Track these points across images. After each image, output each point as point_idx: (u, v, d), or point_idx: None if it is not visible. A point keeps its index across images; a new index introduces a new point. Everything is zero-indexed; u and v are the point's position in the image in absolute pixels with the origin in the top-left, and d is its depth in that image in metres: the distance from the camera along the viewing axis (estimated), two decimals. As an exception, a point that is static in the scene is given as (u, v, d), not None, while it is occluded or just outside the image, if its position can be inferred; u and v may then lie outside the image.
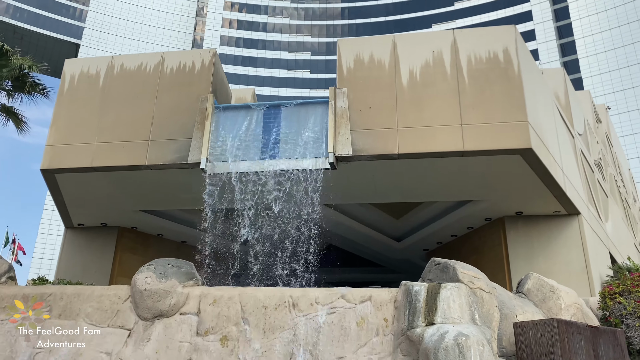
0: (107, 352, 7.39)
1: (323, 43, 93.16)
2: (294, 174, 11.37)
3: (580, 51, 79.00)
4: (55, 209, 69.23)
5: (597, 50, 77.40)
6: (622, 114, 71.30)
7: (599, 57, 76.95)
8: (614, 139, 27.47)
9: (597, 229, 15.48)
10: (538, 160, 11.24)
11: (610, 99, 71.79)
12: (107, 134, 12.56)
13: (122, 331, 7.57)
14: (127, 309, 7.72)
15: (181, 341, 7.27)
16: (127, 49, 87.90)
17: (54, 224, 75.79)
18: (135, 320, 7.61)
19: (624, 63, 74.41)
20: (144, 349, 7.25)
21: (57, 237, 73.61)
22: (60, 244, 16.98)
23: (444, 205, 15.18)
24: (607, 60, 76.02)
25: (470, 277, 7.13)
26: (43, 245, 76.87)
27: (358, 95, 11.69)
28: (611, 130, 26.85)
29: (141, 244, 16.67)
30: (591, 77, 76.22)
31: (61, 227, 17.58)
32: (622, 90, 73.27)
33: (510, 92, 11.27)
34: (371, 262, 22.14)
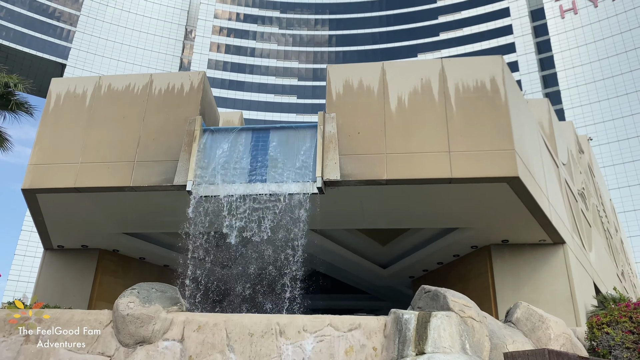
0: (85, 380, 7.10)
1: (310, 69, 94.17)
2: (281, 198, 11.27)
3: (562, 83, 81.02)
4: (34, 230, 67.89)
5: (578, 82, 79.45)
6: (602, 145, 72.85)
7: (580, 89, 78.94)
8: (596, 170, 27.93)
9: (582, 258, 15.57)
10: (524, 189, 11.31)
11: (591, 130, 73.42)
12: (92, 154, 12.37)
13: (103, 358, 7.29)
14: (108, 335, 7.45)
15: (163, 369, 7.02)
16: (114, 70, 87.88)
17: (31, 246, 74.18)
18: (117, 346, 7.34)
19: (604, 96, 76.41)
20: (123, 377, 6.98)
21: (35, 259, 72.01)
22: (37, 266, 16.54)
23: (431, 233, 15.17)
24: (587, 92, 78.01)
25: (460, 305, 7.04)
26: (19, 267, 75.01)
27: (347, 121, 11.72)
28: (593, 161, 27.31)
29: (122, 267, 16.30)
30: (572, 108, 78.02)
31: (39, 248, 17.11)
32: (603, 122, 75.04)
33: (497, 120, 11.39)
34: (356, 289, 21.94)
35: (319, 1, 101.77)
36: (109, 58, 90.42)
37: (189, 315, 7.58)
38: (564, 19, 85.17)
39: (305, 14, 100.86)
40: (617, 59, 77.31)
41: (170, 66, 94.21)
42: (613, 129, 73.78)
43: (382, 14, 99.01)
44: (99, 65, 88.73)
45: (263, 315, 7.61)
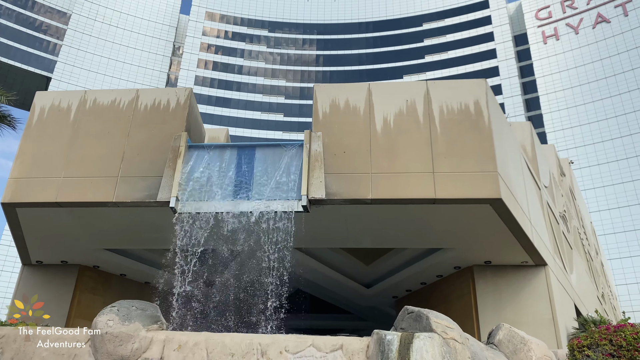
0: (60, 400, 6.92)
1: (297, 87, 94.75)
2: (266, 215, 11.23)
3: (544, 107, 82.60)
4: (12, 244, 66.54)
5: (560, 106, 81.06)
6: (583, 168, 74.09)
7: (561, 113, 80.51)
8: (577, 193, 28.35)
9: (563, 280, 15.70)
10: (507, 211, 11.42)
11: (572, 154, 74.71)
12: (75, 168, 12.23)
13: (78, 377, 7.12)
14: (85, 354, 7.29)
15: (141, 389, 6.88)
16: (100, 84, 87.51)
17: (9, 260, 72.63)
18: (93, 365, 7.18)
19: (585, 120, 77.99)
20: (100, 398, 6.81)
21: (12, 275, 70.47)
22: (15, 282, 16.18)
23: (414, 253, 15.20)
24: (569, 116, 79.58)
25: (443, 326, 7.04)
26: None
27: (333, 140, 11.78)
28: (574, 184, 27.73)
29: (102, 284, 16.03)
30: (554, 132, 79.43)
31: (17, 263, 16.75)
32: (584, 145, 76.44)
33: (480, 142, 11.54)
34: (340, 308, 21.81)
35: (307, 21, 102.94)
36: (95, 72, 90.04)
37: (169, 334, 7.46)
38: (547, 44, 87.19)
39: (294, 34, 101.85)
40: (597, 84, 79.16)
41: (157, 82, 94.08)
42: (594, 153, 75.16)
43: (369, 35, 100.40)
44: (85, 79, 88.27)
45: (245, 335, 7.51)
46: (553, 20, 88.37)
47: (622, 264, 67.92)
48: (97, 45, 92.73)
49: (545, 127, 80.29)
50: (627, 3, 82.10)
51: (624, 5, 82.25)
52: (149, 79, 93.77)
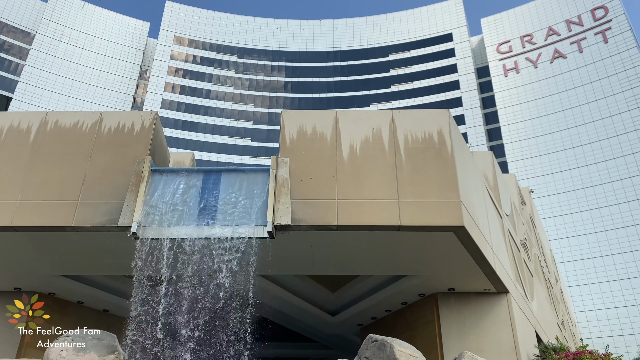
0: None
1: (265, 113, 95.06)
2: (230, 241, 11.08)
3: (506, 137, 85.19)
4: (-38, 270, 63.36)
5: (520, 137, 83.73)
6: (543, 197, 76.27)
7: (522, 143, 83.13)
8: (537, 221, 29.11)
9: (524, 307, 15.96)
10: (469, 238, 11.61)
11: (532, 183, 76.94)
12: (33, 192, 11.84)
13: (27, 412, 6.77)
14: (35, 386, 6.95)
15: (95, 423, 6.57)
16: (63, 106, 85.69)
17: (-42, 287, 69.14)
18: (44, 399, 6.84)
19: (545, 150, 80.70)
20: None
21: (-39, 302, 66.97)
22: (-36, 310, 15.36)
23: (379, 280, 15.22)
24: (529, 146, 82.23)
25: (407, 355, 7.03)
26: (-57, 310, 69.50)
27: (300, 165, 11.81)
28: (534, 212, 28.49)
29: (58, 312, 15.35)
30: (515, 161, 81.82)
31: (-33, 290, 15.95)
32: (543, 175, 78.89)
33: (444, 171, 11.77)
34: (304, 337, 21.53)
35: (276, 49, 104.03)
36: (58, 94, 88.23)
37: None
38: (507, 77, 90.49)
39: (262, 60, 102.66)
40: (555, 116, 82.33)
41: (122, 104, 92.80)
42: (553, 182, 77.64)
43: (336, 64, 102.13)
44: (48, 100, 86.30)
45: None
46: (513, 55, 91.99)
47: (580, 291, 69.65)
48: (61, 66, 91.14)
49: (507, 156, 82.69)
50: (582, 40, 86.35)
51: (579, 42, 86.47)
52: (114, 102, 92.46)
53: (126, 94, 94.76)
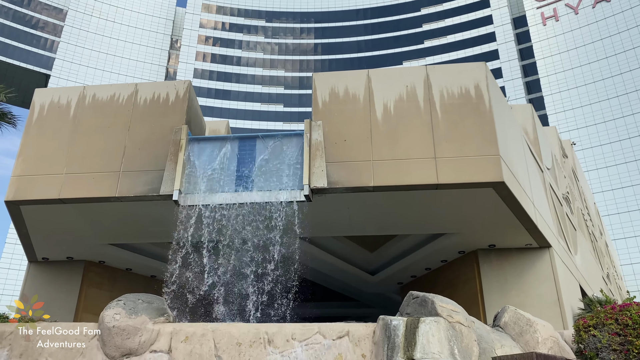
0: (71, 394, 6.99)
1: (296, 77, 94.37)
2: (268, 206, 11.25)
3: (545, 89, 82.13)
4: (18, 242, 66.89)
5: (561, 88, 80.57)
6: (586, 149, 73.81)
7: (563, 94, 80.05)
8: (580, 174, 28.28)
9: (568, 261, 15.71)
10: (510, 194, 11.41)
11: (574, 135, 74.40)
12: (77, 165, 12.25)
13: (88, 371, 7.19)
14: (93, 347, 7.35)
15: (151, 381, 6.94)
16: (99, 80, 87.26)
17: (16, 258, 73.08)
18: (102, 359, 7.24)
19: (587, 101, 77.58)
20: (110, 390, 6.88)
21: (19, 272, 70.90)
22: (22, 279, 16.26)
23: (418, 239, 15.21)
24: (570, 97, 79.14)
25: (449, 310, 7.06)
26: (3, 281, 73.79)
27: (333, 128, 11.75)
28: (577, 165, 27.66)
29: (108, 279, 16.10)
30: (556, 113, 79.04)
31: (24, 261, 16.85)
32: (586, 126, 76.11)
33: (482, 126, 11.50)
34: (345, 296, 21.89)
35: (304, 10, 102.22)
36: (93, 68, 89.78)
37: (176, 326, 7.51)
38: (546, 26, 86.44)
39: (291, 23, 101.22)
40: (598, 64, 78.58)
41: (156, 76, 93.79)
42: (596, 133, 74.83)
43: (367, 22, 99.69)
44: (84, 75, 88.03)
45: (251, 324, 7.56)
46: (552, 1, 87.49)
47: (626, 244, 67.90)
48: (94, 40, 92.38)
49: (547, 109, 79.91)
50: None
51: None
52: (147, 73, 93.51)
53: (159, 65, 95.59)
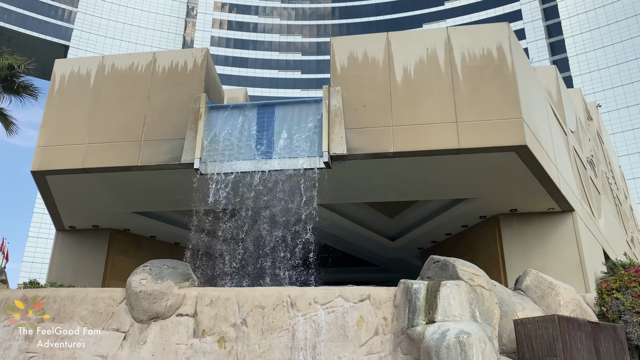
0: (103, 355, 7.26)
1: (314, 43, 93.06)
2: (288, 173, 11.29)
3: (570, 50, 79.63)
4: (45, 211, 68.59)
5: (586, 48, 78.03)
6: (611, 111, 71.92)
7: (588, 55, 77.58)
8: (605, 136, 27.64)
9: (591, 225, 15.54)
10: (532, 157, 11.24)
11: (600, 97, 72.40)
12: (99, 134, 12.40)
13: (118, 334, 7.44)
14: (122, 311, 7.59)
15: (178, 343, 7.16)
16: (117, 50, 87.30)
17: (44, 227, 75.13)
18: (131, 322, 7.48)
19: (613, 61, 75.10)
20: (140, 352, 7.13)
21: (48, 241, 73.00)
22: (50, 248, 16.75)
23: (439, 204, 15.15)
24: (596, 58, 76.68)
25: (470, 274, 7.09)
26: (33, 249, 76.18)
27: (352, 94, 11.63)
28: (602, 128, 27.02)
29: (133, 246, 16.48)
30: (581, 75, 76.82)
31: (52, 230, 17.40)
32: (612, 88, 73.93)
33: (504, 89, 11.26)
34: (365, 261, 22.09)
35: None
36: (111, 38, 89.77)
37: (201, 290, 7.69)
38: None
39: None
40: (626, 22, 75.67)
41: (173, 44, 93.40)
42: (622, 95, 72.70)
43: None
44: (102, 45, 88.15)
45: (274, 288, 7.70)
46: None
47: (652, 208, 66.76)
48: (111, 10, 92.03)
49: (571, 70, 77.66)
50: None
51: None
52: (165, 42, 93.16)
53: (175, 33, 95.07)
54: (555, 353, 5.98)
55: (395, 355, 6.64)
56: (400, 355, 6.60)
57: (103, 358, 7.22)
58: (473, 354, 5.84)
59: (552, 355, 5.99)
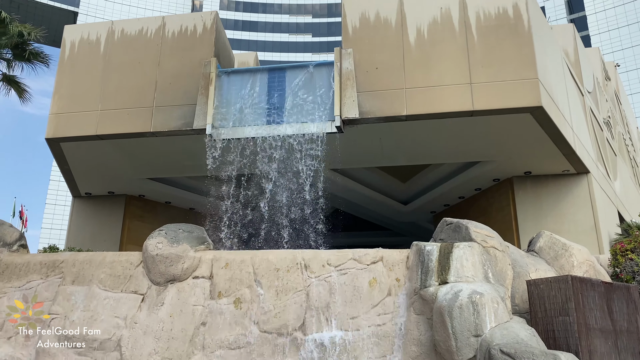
0: (122, 316, 7.46)
1: (324, 5, 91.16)
2: (300, 138, 11.26)
3: (589, 7, 77.12)
4: (61, 179, 69.53)
5: (605, 6, 75.54)
6: (630, 71, 70.13)
7: (607, 13, 75.17)
8: (623, 97, 27.06)
9: (606, 187, 15.39)
10: (548, 119, 11.07)
11: (618, 57, 70.48)
12: (111, 101, 12.41)
13: (136, 296, 7.63)
14: (139, 275, 7.76)
15: (195, 305, 7.33)
16: (126, 15, 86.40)
17: (61, 194, 76.31)
18: (148, 285, 7.65)
19: (634, 19, 72.70)
20: (158, 313, 7.31)
21: (65, 208, 74.22)
22: (68, 214, 17.03)
23: (452, 167, 15.07)
24: (616, 16, 74.29)
25: (483, 235, 7.09)
26: (51, 216, 77.63)
27: (364, 56, 11.46)
28: (620, 88, 26.42)
29: (149, 212, 16.71)
30: (599, 34, 74.65)
31: (68, 197, 17.68)
32: (631, 47, 71.85)
33: (520, 49, 11.02)
34: (378, 225, 22.20)
35: None
36: (120, 3, 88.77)
37: (216, 253, 7.81)
38: (592, -64, 79.88)
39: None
40: (648, -22, 72.92)
41: (182, 8, 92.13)
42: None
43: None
44: (111, 11, 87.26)
45: (288, 250, 7.80)
46: None
47: (669, 170, 65.76)
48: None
49: (590, 29, 75.45)
50: None
51: None
52: (174, 6, 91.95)
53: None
54: (567, 312, 6.02)
55: (408, 315, 6.74)
56: (412, 315, 6.69)
57: (122, 319, 7.42)
58: (486, 313, 5.91)
59: (564, 314, 6.03)
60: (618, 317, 6.55)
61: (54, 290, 7.89)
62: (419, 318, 6.61)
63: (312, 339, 6.74)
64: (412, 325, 6.61)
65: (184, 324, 7.19)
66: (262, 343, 6.87)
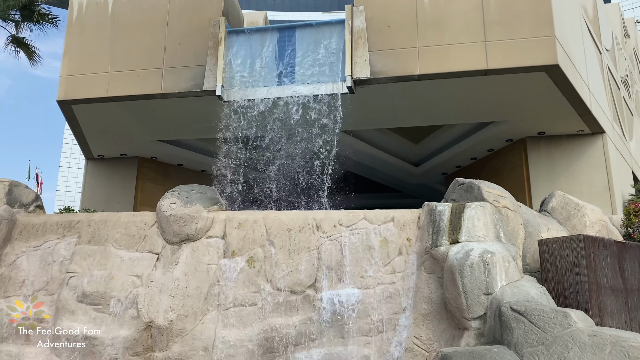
0: (138, 275, 7.63)
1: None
2: (310, 99, 11.16)
3: (609, -38, 74.28)
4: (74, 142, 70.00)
5: (627, -40, 72.73)
6: (650, 29, 68.03)
7: (628, -32, 72.44)
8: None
9: (621, 147, 15.19)
10: (564, 77, 10.84)
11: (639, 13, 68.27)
12: (120, 62, 12.33)
13: (151, 255, 7.77)
14: (154, 234, 7.88)
15: (209, 263, 7.46)
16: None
17: (74, 157, 77.13)
18: (163, 244, 7.78)
19: (656, -26, 70.06)
20: (173, 272, 7.46)
21: (79, 170, 75.09)
22: (82, 177, 17.23)
23: (465, 128, 14.91)
24: (637, -29, 71.59)
25: (495, 195, 7.08)
26: (65, 178, 78.72)
27: (376, 14, 11.21)
28: (639, 46, 25.68)
29: (161, 174, 16.83)
30: (619, -10, 72.09)
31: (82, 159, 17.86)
32: (652, 3, 69.49)
33: (536, 5, 10.70)
34: (389, 187, 22.19)
35: None
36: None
37: (229, 213, 7.90)
38: None
39: None
40: None
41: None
42: (663, 11, 68.48)
43: None
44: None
45: (300, 211, 7.86)
46: None
47: (686, 131, 64.60)
48: None
49: (610, -15, 72.90)
50: None
51: None
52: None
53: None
54: (578, 271, 6.05)
55: (418, 274, 6.81)
56: (423, 274, 6.76)
57: (138, 277, 7.59)
58: (496, 272, 5.95)
59: (575, 273, 6.06)
60: (629, 276, 6.57)
61: (71, 250, 8.06)
62: (430, 277, 6.68)
63: (324, 297, 6.86)
64: (423, 284, 6.69)
65: (198, 282, 7.34)
66: (276, 300, 7.02)
